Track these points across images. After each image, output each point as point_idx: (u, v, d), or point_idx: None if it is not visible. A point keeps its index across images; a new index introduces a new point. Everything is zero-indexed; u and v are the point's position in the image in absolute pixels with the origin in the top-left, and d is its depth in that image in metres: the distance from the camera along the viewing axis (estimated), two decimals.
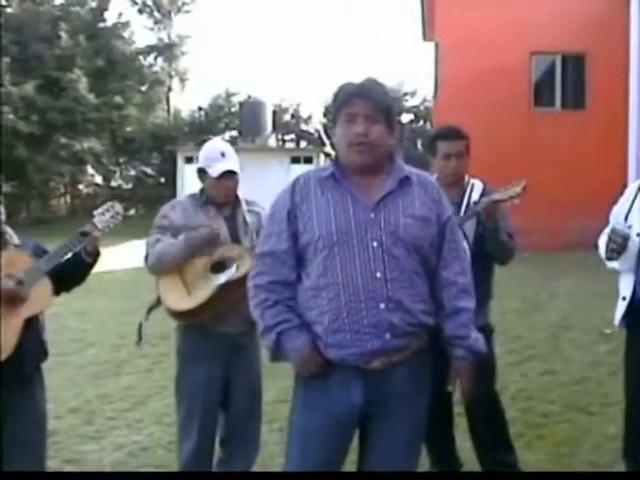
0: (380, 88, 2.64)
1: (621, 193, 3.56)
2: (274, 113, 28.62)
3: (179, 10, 36.30)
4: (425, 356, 2.66)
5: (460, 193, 3.72)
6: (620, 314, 3.44)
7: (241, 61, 65.08)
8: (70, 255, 3.16)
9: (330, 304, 2.51)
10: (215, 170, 3.46)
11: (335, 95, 2.65)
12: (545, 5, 15.52)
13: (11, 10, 29.46)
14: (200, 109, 34.88)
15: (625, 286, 3.42)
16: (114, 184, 33.93)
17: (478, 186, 3.75)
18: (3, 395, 3.03)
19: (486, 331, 3.72)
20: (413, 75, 57.36)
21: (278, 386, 5.01)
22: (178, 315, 3.45)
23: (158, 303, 3.51)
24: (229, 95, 34.32)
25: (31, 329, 3.08)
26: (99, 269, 3.45)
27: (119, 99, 30.06)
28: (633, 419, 3.48)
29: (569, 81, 16.72)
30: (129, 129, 31.90)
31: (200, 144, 4.88)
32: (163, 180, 32.29)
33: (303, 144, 32.60)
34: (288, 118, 35.45)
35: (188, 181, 23.42)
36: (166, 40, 35.55)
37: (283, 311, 2.58)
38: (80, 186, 33.66)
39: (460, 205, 3.69)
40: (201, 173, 3.54)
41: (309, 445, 2.61)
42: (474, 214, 3.60)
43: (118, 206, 3.34)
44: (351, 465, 2.76)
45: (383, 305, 2.48)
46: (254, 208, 3.63)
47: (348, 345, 2.50)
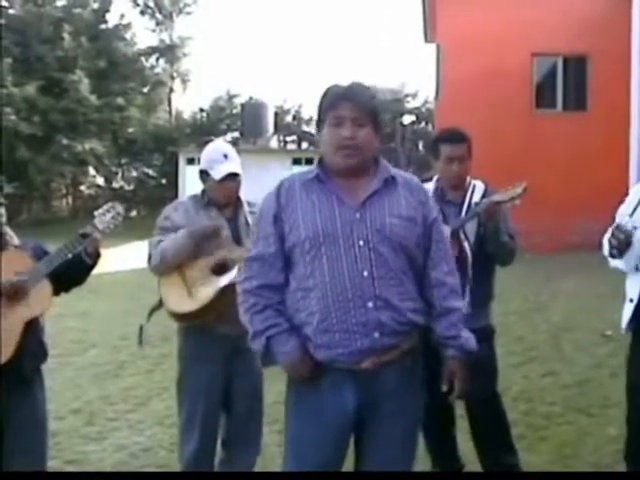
0: (366, 91, 2.63)
1: (623, 194, 3.54)
2: (276, 114, 28.63)
3: (181, 11, 36.27)
4: (416, 356, 2.65)
5: (462, 194, 3.73)
6: (627, 317, 3.33)
7: (243, 62, 65.17)
8: (70, 256, 3.16)
9: (318, 304, 2.51)
10: (218, 172, 3.46)
11: (321, 98, 2.64)
12: (547, 7, 15.52)
13: (13, 11, 29.47)
14: (202, 110, 34.85)
15: (632, 288, 3.33)
16: (116, 185, 33.92)
17: (480, 187, 3.75)
18: (3, 396, 3.04)
19: (487, 332, 3.75)
20: (415, 77, 57.63)
21: (279, 387, 4.94)
22: (179, 317, 3.46)
23: (160, 305, 3.52)
24: (231, 96, 34.27)
25: (31, 330, 3.08)
26: (101, 270, 3.45)
27: (121, 100, 30.02)
28: (635, 422, 3.43)
29: (570, 83, 16.74)
30: (131, 130, 31.86)
31: (202, 145, 4.88)
32: (165, 181, 32.25)
33: (305, 145, 32.60)
34: (290, 119, 35.42)
35: (190, 182, 23.44)
36: (168, 41, 35.51)
37: (272, 315, 2.58)
38: (82, 187, 33.64)
39: (461, 206, 3.70)
40: (203, 175, 3.54)
41: (304, 453, 2.61)
42: (475, 215, 3.60)
43: (119, 207, 3.34)
44: (350, 466, 2.75)
45: (371, 304, 2.48)
46: (256, 209, 3.62)
47: (337, 345, 2.49)
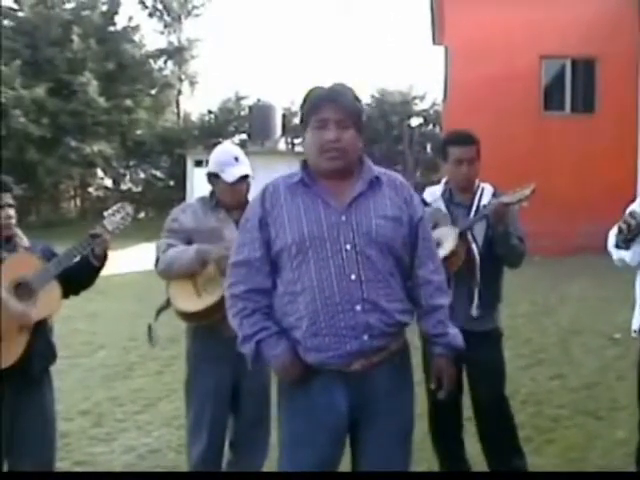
0: (350, 92, 2.61)
1: (631, 196, 3.51)
2: (283, 116, 28.59)
3: (189, 14, 36.31)
4: (405, 354, 2.67)
5: (470, 197, 3.73)
6: (638, 320, 3.28)
7: (251, 65, 65.06)
8: (79, 258, 3.16)
9: (307, 308, 2.51)
10: (230, 175, 3.46)
11: (304, 100, 2.62)
12: (555, 9, 15.49)
13: (23, 14, 29.58)
14: (210, 112, 34.82)
15: None
16: (124, 187, 33.94)
17: (488, 190, 3.75)
18: (12, 397, 3.05)
19: (495, 335, 3.75)
20: (423, 79, 57.46)
21: None
22: (187, 316, 3.45)
23: (168, 304, 3.52)
24: (239, 98, 34.23)
25: (40, 332, 3.09)
26: (109, 272, 3.46)
27: (129, 102, 30.06)
28: None
29: (579, 85, 16.70)
30: (139, 132, 31.88)
31: (210, 147, 4.88)
32: (172, 183, 32.25)
33: None
34: (297, 122, 35.34)
35: (197, 184, 23.44)
36: (176, 44, 35.54)
37: (261, 319, 2.57)
38: (90, 189, 33.69)
39: (470, 209, 3.70)
40: (212, 177, 3.53)
41: (298, 455, 2.60)
42: (483, 217, 3.61)
43: (128, 207, 3.34)
44: (348, 466, 2.75)
45: (359, 307, 2.49)
46: None
47: (327, 348, 2.49)
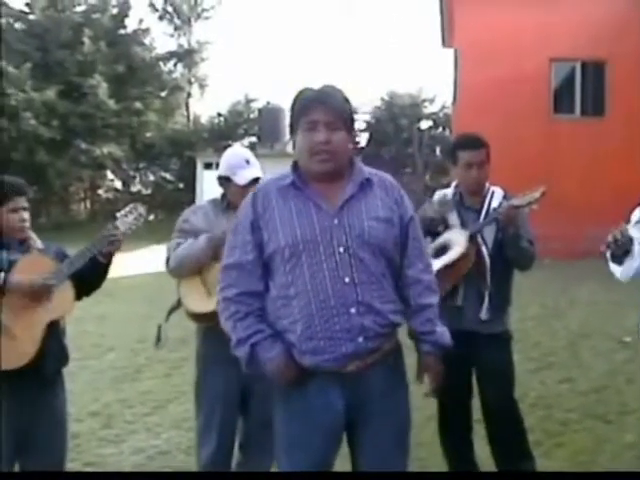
0: (339, 94, 2.60)
1: None
2: None
3: (199, 17, 36.41)
4: (398, 354, 2.68)
5: (480, 200, 3.74)
6: None
7: (260, 67, 65.04)
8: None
9: (301, 312, 2.51)
10: (242, 178, 3.47)
11: (293, 101, 2.62)
12: (565, 12, 15.44)
13: (34, 17, 29.71)
14: (219, 115, 34.84)
15: None
16: (133, 189, 33.97)
17: (499, 193, 3.75)
18: (25, 398, 3.06)
19: (505, 338, 3.75)
20: (432, 81, 57.34)
21: None
22: (197, 317, 3.46)
23: (178, 305, 3.53)
24: (248, 101, 34.23)
25: (53, 333, 3.10)
26: (118, 274, 3.48)
27: (139, 105, 30.12)
28: None
29: (589, 88, 16.64)
30: (149, 135, 31.93)
31: (219, 150, 4.89)
32: (182, 186, 32.28)
33: None
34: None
35: (207, 187, 23.50)
36: (186, 46, 35.64)
37: (255, 322, 2.57)
38: (100, 191, 33.76)
39: (480, 212, 3.71)
40: (223, 180, 3.54)
41: (295, 456, 2.61)
42: (493, 220, 3.62)
43: (141, 208, 3.34)
44: (347, 466, 2.75)
45: (354, 309, 2.49)
46: None
47: (322, 351, 2.50)
